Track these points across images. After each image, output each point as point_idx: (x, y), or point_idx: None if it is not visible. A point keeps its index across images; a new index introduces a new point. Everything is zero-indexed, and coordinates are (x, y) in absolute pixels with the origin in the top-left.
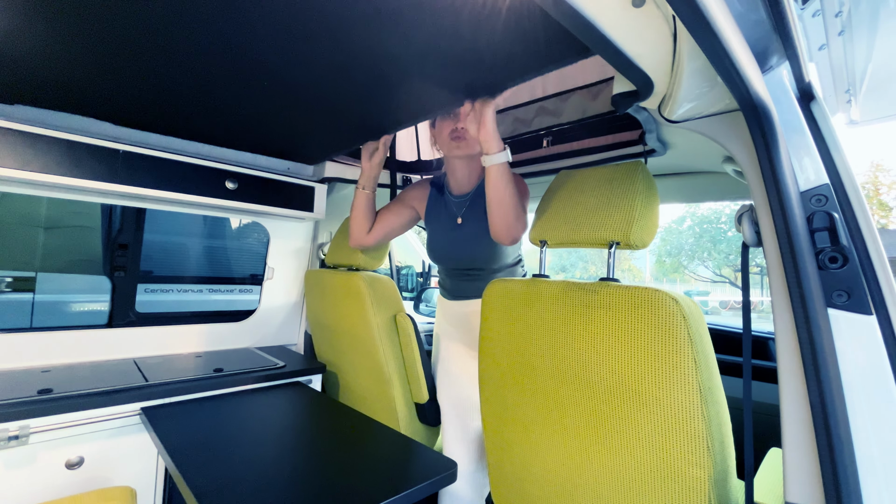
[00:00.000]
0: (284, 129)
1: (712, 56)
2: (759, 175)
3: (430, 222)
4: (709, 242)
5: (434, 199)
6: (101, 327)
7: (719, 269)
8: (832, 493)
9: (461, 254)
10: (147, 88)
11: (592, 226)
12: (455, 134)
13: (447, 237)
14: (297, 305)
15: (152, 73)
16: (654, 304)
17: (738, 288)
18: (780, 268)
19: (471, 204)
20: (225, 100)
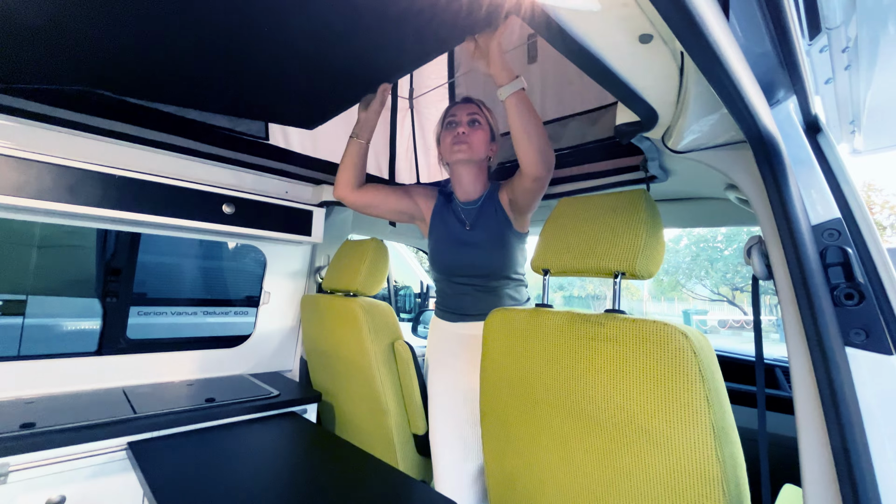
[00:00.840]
0: (275, 91)
1: (721, 91)
2: (768, 208)
3: (435, 228)
4: (706, 261)
5: (441, 206)
6: (90, 355)
7: (717, 288)
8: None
9: (468, 260)
10: (146, 57)
11: (597, 255)
12: (456, 139)
13: (455, 243)
14: (293, 330)
15: (151, 41)
16: (662, 338)
17: (736, 307)
18: (794, 303)
19: (479, 211)
20: (209, 62)
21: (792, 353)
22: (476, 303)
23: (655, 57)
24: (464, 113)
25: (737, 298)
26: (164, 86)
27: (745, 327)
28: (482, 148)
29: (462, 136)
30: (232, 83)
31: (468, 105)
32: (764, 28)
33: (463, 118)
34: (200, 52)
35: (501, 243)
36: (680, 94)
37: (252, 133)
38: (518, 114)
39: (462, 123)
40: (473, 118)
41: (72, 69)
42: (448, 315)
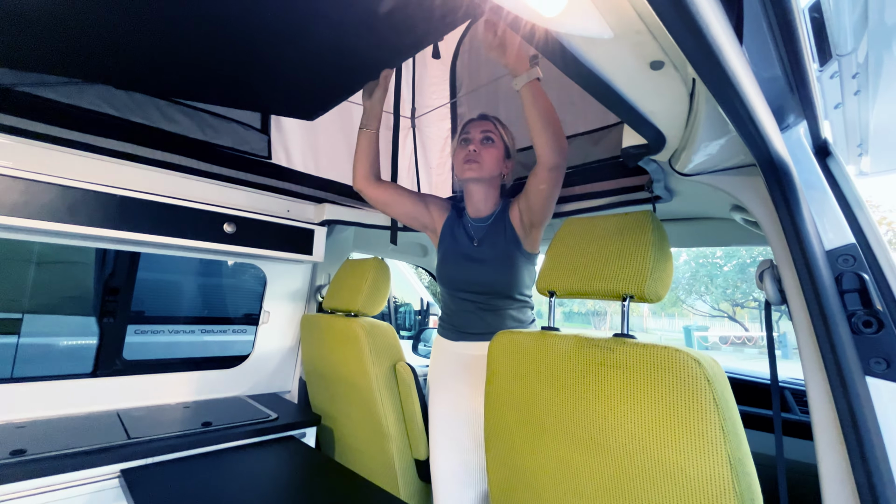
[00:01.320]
0: (274, 81)
1: (734, 117)
2: (780, 233)
3: (444, 241)
4: (706, 277)
5: (453, 220)
6: (85, 377)
7: (717, 304)
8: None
9: (473, 276)
10: (146, 48)
11: (604, 277)
12: (468, 157)
13: (463, 258)
14: (293, 351)
15: (151, 32)
16: (674, 365)
17: (737, 323)
18: (810, 330)
19: (488, 230)
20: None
21: (809, 380)
22: (478, 321)
23: (666, 82)
24: (478, 130)
25: (737, 314)
26: (164, 77)
27: (746, 344)
28: (494, 166)
29: (473, 154)
30: (232, 74)
31: (483, 122)
32: (774, 53)
33: (476, 136)
34: (200, 42)
35: (508, 262)
36: (689, 119)
37: (255, 152)
38: (533, 102)
39: (474, 141)
40: (487, 135)
41: (68, 58)
42: (450, 333)
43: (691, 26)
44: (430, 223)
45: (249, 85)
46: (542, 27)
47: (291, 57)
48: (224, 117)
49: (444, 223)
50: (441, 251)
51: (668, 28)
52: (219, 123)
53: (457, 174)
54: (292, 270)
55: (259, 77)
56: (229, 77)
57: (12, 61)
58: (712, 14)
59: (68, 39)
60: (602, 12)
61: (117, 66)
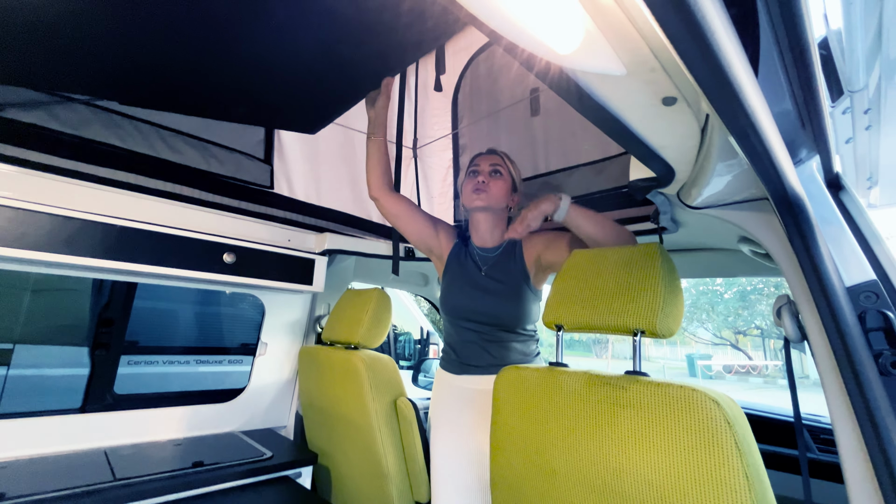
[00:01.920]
0: (275, 96)
1: (750, 151)
2: (796, 268)
3: (451, 268)
4: (707, 304)
5: (459, 248)
6: (73, 412)
7: (719, 332)
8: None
9: (481, 305)
10: (147, 65)
11: (614, 312)
12: (476, 187)
13: (468, 285)
14: (290, 384)
15: (151, 49)
16: (692, 405)
17: (740, 351)
18: (836, 371)
19: (496, 261)
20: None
21: (837, 423)
22: (482, 353)
23: (678, 118)
24: (486, 163)
25: (740, 342)
26: (165, 94)
27: (750, 373)
28: (502, 197)
29: (482, 184)
30: (232, 88)
31: (492, 156)
32: (786, 88)
33: (485, 168)
34: (200, 56)
35: (515, 294)
36: (700, 153)
37: (257, 182)
38: (584, 223)
39: (483, 172)
40: (496, 168)
41: (66, 72)
42: (453, 366)
43: (712, 63)
44: (437, 247)
45: (250, 99)
46: (556, 64)
47: (290, 70)
48: (227, 147)
49: (451, 250)
50: (447, 278)
51: (687, 66)
52: (222, 154)
53: (465, 203)
54: (291, 301)
55: (259, 91)
56: (229, 91)
57: (9, 77)
58: (732, 50)
59: (66, 53)
60: (616, 50)
61: (117, 81)
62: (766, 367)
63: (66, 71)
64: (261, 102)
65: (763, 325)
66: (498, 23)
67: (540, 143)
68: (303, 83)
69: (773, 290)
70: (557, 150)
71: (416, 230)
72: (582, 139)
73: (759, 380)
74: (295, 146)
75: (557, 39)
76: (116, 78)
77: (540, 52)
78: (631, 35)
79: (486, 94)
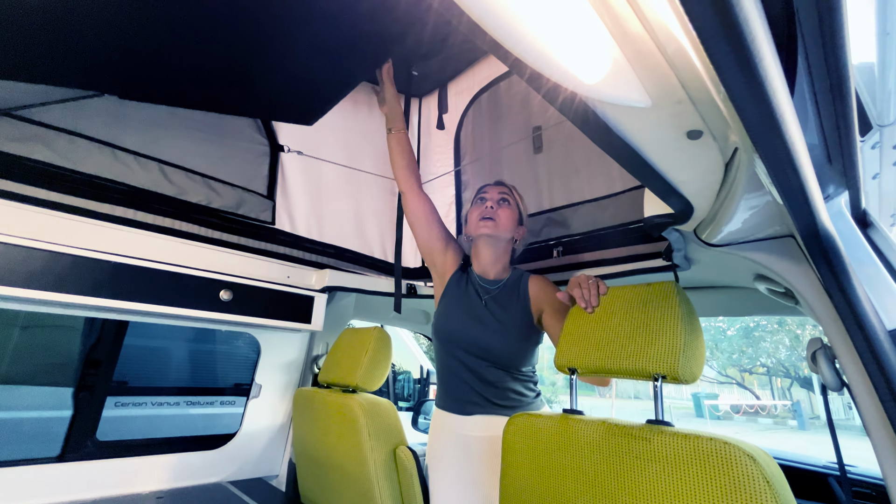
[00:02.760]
0: (271, 86)
1: (784, 187)
2: (831, 310)
3: (450, 292)
4: (710, 341)
5: (459, 275)
6: (51, 461)
7: (724, 370)
8: None
9: (476, 338)
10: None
11: (632, 355)
12: (484, 214)
13: (466, 315)
14: (283, 429)
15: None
16: (725, 461)
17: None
18: (884, 422)
19: (499, 294)
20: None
21: (890, 478)
22: (478, 393)
23: (702, 152)
24: (495, 191)
25: (746, 381)
26: (161, 86)
27: (759, 413)
28: (508, 226)
29: (489, 210)
30: (228, 80)
31: (500, 186)
32: (814, 121)
33: (494, 195)
34: (194, 47)
35: (514, 332)
36: (722, 188)
37: (259, 218)
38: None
39: (492, 200)
40: (504, 197)
41: (64, 66)
42: (449, 403)
43: (757, 91)
44: (442, 265)
45: (245, 90)
46: (580, 94)
47: (283, 58)
48: (230, 183)
49: (453, 273)
50: (444, 301)
51: (731, 94)
52: (224, 189)
53: (471, 231)
54: (288, 340)
55: (254, 81)
56: (225, 82)
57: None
58: (777, 78)
59: (60, 45)
60: (643, 80)
61: (112, 73)
62: (774, 407)
63: (60, 63)
64: (256, 93)
65: (769, 362)
66: (523, 51)
67: (544, 180)
68: (298, 72)
69: (775, 327)
70: (561, 186)
71: (430, 237)
72: (586, 175)
73: (769, 420)
74: (298, 181)
75: (584, 69)
76: (111, 69)
77: (565, 81)
78: (659, 65)
79: (488, 132)
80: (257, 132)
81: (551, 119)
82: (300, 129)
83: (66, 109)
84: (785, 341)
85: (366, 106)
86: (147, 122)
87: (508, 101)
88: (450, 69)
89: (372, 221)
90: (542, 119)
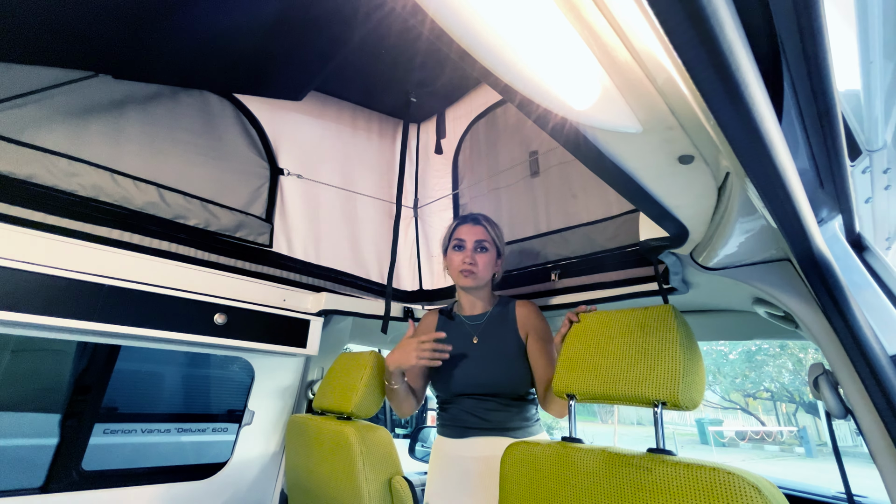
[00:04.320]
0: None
1: (776, 210)
2: (831, 335)
3: None
4: (712, 366)
5: (443, 324)
6: (34, 492)
7: (728, 395)
8: None
9: (478, 375)
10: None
11: (631, 381)
12: (463, 268)
13: (463, 358)
14: (276, 458)
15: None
16: (729, 492)
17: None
18: (891, 449)
19: (486, 325)
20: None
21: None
22: (478, 418)
23: (694, 176)
24: (471, 239)
25: (750, 406)
26: (153, 63)
27: (765, 439)
28: (488, 271)
29: (469, 265)
30: (212, 57)
31: (475, 228)
32: (804, 148)
33: (469, 244)
34: (181, 26)
35: (509, 358)
36: (717, 212)
37: (257, 241)
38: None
39: (468, 249)
40: (481, 244)
41: (38, 44)
42: (451, 430)
43: (744, 116)
44: None
45: (227, 65)
46: (571, 120)
47: (258, 31)
48: (228, 207)
49: (435, 330)
50: None
51: (718, 119)
52: (222, 213)
53: (454, 280)
54: (283, 364)
55: (234, 56)
56: (207, 59)
57: None
58: (763, 103)
59: (47, 23)
60: (633, 107)
61: (103, 52)
62: (780, 434)
63: (51, 43)
64: (237, 68)
65: (772, 387)
66: (513, 78)
67: (541, 204)
68: (275, 45)
69: (777, 351)
70: (558, 209)
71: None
72: (583, 199)
73: (775, 447)
74: (297, 205)
75: (573, 95)
76: (106, 48)
77: (555, 107)
78: (648, 92)
79: (485, 156)
80: (258, 155)
81: (547, 144)
82: (300, 153)
83: (67, 132)
84: (788, 365)
85: (364, 130)
86: (147, 146)
87: (505, 126)
88: (448, 95)
89: (369, 244)
90: (539, 144)
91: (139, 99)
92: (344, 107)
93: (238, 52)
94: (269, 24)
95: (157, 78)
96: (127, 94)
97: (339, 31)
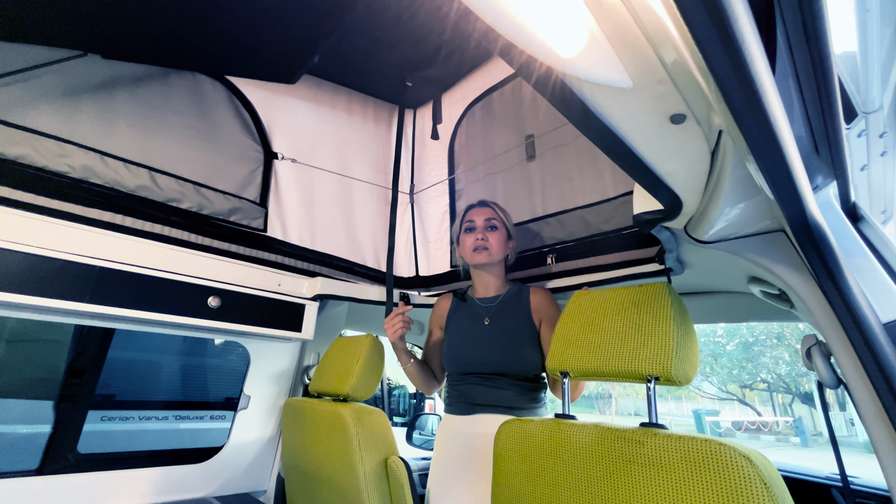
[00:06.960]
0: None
1: (771, 174)
2: (824, 304)
3: (451, 327)
4: (709, 356)
5: (456, 306)
6: (29, 474)
7: (724, 386)
8: None
9: (487, 354)
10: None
11: (624, 357)
12: (476, 245)
13: (473, 337)
14: (272, 441)
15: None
16: (720, 463)
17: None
18: (883, 418)
19: (499, 308)
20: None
21: (891, 477)
22: (486, 396)
23: (686, 139)
24: (481, 218)
25: (747, 397)
26: (143, 43)
27: (761, 430)
28: (500, 249)
29: (481, 241)
30: (185, 31)
31: (484, 209)
32: (799, 110)
33: (480, 223)
34: (172, 8)
35: (520, 339)
36: (710, 180)
37: (251, 225)
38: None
39: (479, 229)
40: (491, 223)
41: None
42: (456, 408)
43: (738, 67)
44: (442, 328)
45: (221, 46)
46: (557, 70)
47: (245, 12)
48: (222, 191)
49: (448, 313)
50: (448, 336)
51: (712, 71)
52: (216, 196)
53: (468, 260)
54: (279, 349)
55: (226, 38)
56: (178, 33)
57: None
58: (758, 53)
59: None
60: (622, 58)
61: (93, 30)
62: (776, 424)
63: (19, 17)
64: (228, 49)
65: (769, 378)
66: (494, 18)
67: (537, 187)
68: (262, 26)
69: (774, 342)
70: (555, 193)
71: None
72: (579, 182)
73: (771, 437)
74: (292, 189)
75: (558, 39)
76: (96, 27)
77: (539, 54)
78: (638, 41)
79: (481, 141)
80: (251, 139)
81: (544, 127)
82: (294, 137)
83: (55, 113)
84: (784, 356)
85: (360, 115)
86: (138, 128)
87: (501, 110)
88: (443, 80)
89: (365, 230)
90: (535, 127)
91: (129, 80)
92: (339, 91)
93: (228, 32)
94: (260, 3)
95: (147, 58)
96: (117, 74)
97: (332, 10)
